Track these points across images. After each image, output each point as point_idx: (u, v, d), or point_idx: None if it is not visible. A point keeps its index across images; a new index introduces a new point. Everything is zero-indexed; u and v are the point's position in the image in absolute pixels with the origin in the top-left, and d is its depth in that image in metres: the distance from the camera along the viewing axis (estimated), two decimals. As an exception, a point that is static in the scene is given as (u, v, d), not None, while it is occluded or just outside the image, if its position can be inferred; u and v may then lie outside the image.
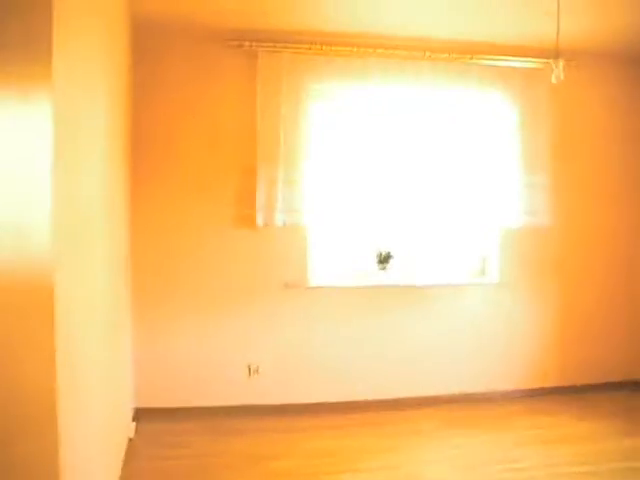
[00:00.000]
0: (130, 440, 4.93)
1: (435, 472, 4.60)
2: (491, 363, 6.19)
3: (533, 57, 5.81)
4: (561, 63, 4.27)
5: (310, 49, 5.53)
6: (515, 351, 6.24)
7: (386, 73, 5.68)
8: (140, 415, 5.38)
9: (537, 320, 6.29)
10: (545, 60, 5.58)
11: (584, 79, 6.24)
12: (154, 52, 5.43)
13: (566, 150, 6.23)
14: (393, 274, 5.96)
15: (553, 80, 4.29)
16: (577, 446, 5.02)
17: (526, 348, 6.27)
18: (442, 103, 5.86)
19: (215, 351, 5.65)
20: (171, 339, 5.56)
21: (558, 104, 6.11)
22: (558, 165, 6.15)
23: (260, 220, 5.50)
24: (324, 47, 5.54)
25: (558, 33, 4.30)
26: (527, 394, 6.23)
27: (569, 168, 6.26)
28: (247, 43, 5.44)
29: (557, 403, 6.04)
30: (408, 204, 5.84)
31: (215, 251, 5.59)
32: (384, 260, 5.91)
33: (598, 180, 6.40)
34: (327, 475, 4.50)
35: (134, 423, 5.17)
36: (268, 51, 5.49)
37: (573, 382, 6.36)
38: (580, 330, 6.40)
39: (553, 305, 6.33)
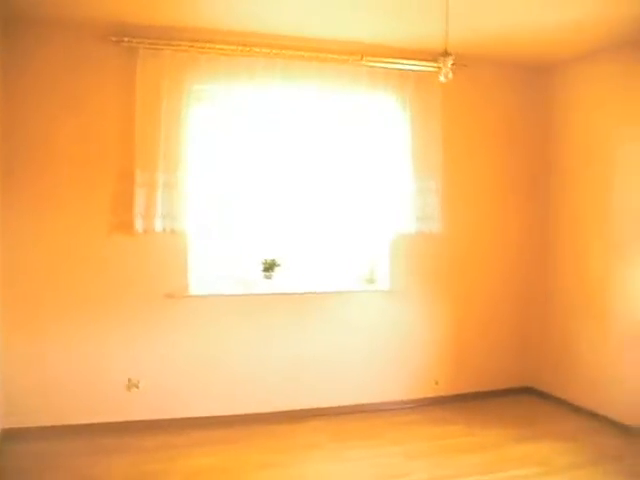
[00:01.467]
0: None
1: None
2: (382, 372, 6.14)
3: (425, 60, 5.78)
4: (450, 61, 4.23)
5: (193, 47, 5.35)
6: (406, 360, 6.22)
7: (272, 74, 5.55)
8: (8, 436, 5.09)
9: (429, 328, 6.28)
10: (436, 64, 5.54)
11: (475, 84, 6.30)
12: (27, 47, 5.14)
13: (457, 155, 6.25)
14: (279, 282, 5.85)
15: (441, 79, 4.26)
16: (469, 455, 5.04)
17: (418, 356, 6.25)
18: (332, 106, 5.78)
19: (92, 365, 5.40)
20: (43, 353, 5.28)
21: (449, 109, 6.13)
22: (449, 170, 6.15)
23: (139, 226, 5.29)
24: (208, 45, 5.38)
25: (447, 33, 4.28)
26: (420, 403, 6.23)
27: (460, 174, 6.29)
28: (127, 39, 5.23)
29: (450, 412, 6.06)
30: (296, 210, 5.75)
31: (91, 258, 5.34)
32: (269, 268, 5.79)
33: (489, 185, 6.45)
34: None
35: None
36: (149, 48, 5.28)
37: (466, 390, 6.40)
38: (473, 337, 6.44)
39: (445, 312, 6.33)
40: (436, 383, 6.30)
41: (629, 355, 5.56)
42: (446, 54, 4.13)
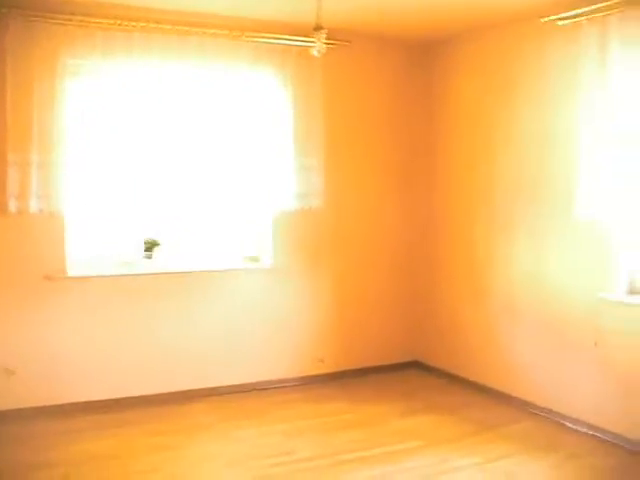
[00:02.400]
0: None
1: (202, 469, 4.51)
2: (267, 351, 6.20)
3: (305, 36, 5.80)
4: (322, 36, 4.29)
5: (70, 20, 5.19)
6: (291, 338, 6.29)
7: (151, 49, 5.46)
8: None
9: (313, 305, 6.37)
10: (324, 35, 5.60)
11: (357, 61, 6.41)
12: None
13: (340, 133, 6.34)
14: (162, 262, 5.80)
15: (314, 53, 4.35)
16: (351, 432, 5.14)
17: (302, 334, 6.34)
18: (213, 83, 5.73)
19: (-35, 352, 5.24)
20: None
21: (332, 86, 6.19)
22: (331, 147, 6.22)
23: (13, 206, 5.14)
24: (84, 19, 5.23)
25: (320, 7, 4.32)
26: (305, 382, 6.31)
27: (342, 151, 6.38)
28: (-5, 8, 5.02)
29: (335, 389, 6.17)
30: (178, 188, 5.69)
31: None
32: (150, 247, 5.73)
33: (372, 162, 6.57)
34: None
35: None
36: (20, 19, 5.08)
37: (352, 367, 6.52)
38: (358, 314, 6.56)
39: (330, 289, 6.43)
40: (321, 361, 6.39)
41: (507, 328, 5.80)
42: (319, 28, 4.19)
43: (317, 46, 4.21)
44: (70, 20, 5.20)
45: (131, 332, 5.68)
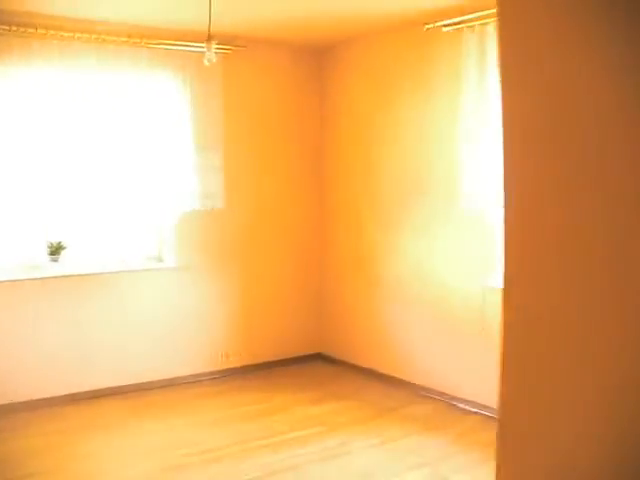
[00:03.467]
0: None
1: (105, 465, 4.67)
2: (173, 348, 6.38)
3: (203, 42, 6.01)
4: (213, 46, 4.53)
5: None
6: (197, 335, 6.50)
7: (50, 55, 5.57)
8: None
9: (217, 302, 6.60)
10: (215, 45, 5.82)
11: (254, 65, 6.66)
12: None
13: (239, 134, 6.59)
14: (67, 264, 5.92)
15: (205, 62, 4.57)
16: (255, 422, 5.42)
17: (208, 331, 6.56)
18: (113, 87, 5.87)
19: None
20: None
21: (231, 89, 6.43)
22: (232, 149, 6.47)
23: None
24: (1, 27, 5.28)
25: (210, 19, 4.53)
26: (211, 376, 6.54)
27: (242, 152, 6.63)
28: None
29: (240, 382, 6.42)
30: (81, 192, 5.81)
31: None
32: (55, 251, 5.85)
33: (269, 162, 6.85)
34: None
35: None
36: None
37: (257, 361, 6.77)
38: (261, 309, 6.83)
39: (233, 287, 6.67)
40: (227, 356, 6.63)
41: (400, 317, 6.18)
42: (209, 39, 4.41)
43: (207, 55, 4.44)
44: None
45: (38, 335, 5.75)
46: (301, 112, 7.01)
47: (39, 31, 5.45)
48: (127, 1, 5.23)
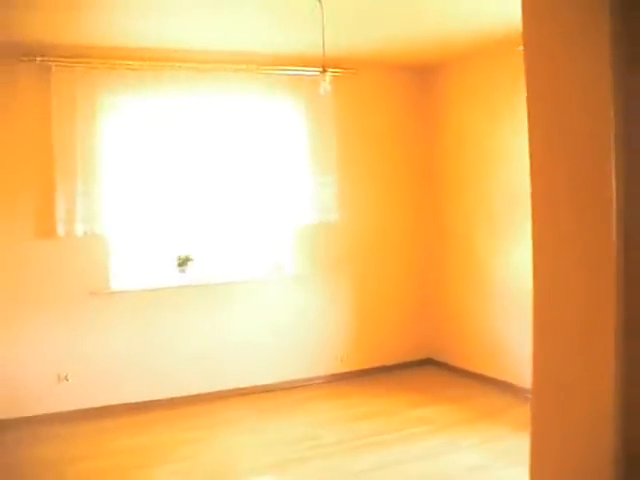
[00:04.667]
0: None
1: (237, 456, 5.23)
2: (292, 353, 6.91)
3: (316, 66, 6.52)
4: (327, 77, 4.96)
5: (104, 63, 5.98)
6: (313, 340, 7.00)
7: (178, 85, 6.23)
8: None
9: (333, 309, 7.08)
10: (328, 69, 6.31)
11: (364, 86, 7.12)
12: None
13: (352, 152, 7.07)
14: (194, 275, 6.54)
15: (321, 92, 4.98)
16: (369, 421, 5.84)
17: (324, 336, 7.04)
18: (234, 110, 6.49)
19: (24, 361, 5.96)
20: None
21: (343, 109, 6.91)
22: (345, 166, 6.96)
23: (61, 230, 5.90)
24: (117, 62, 6.01)
25: (324, 49, 4.96)
26: (327, 380, 7.02)
27: (355, 168, 7.10)
28: (40, 58, 5.79)
29: (354, 385, 6.86)
30: (207, 208, 6.43)
31: (18, 262, 5.90)
32: (184, 262, 6.46)
33: (382, 176, 7.29)
34: (136, 469, 4.99)
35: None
36: (61, 65, 5.87)
37: (369, 365, 7.20)
38: (374, 316, 7.26)
39: (348, 294, 7.14)
40: (341, 360, 7.10)
41: (512, 321, 6.42)
42: (324, 71, 4.83)
43: (323, 86, 4.87)
44: (104, 63, 5.99)
45: (167, 339, 6.41)
46: (411, 130, 7.42)
47: (168, 63, 6.14)
48: (246, 34, 5.78)
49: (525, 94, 2.15)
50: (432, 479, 4.72)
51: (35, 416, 5.94)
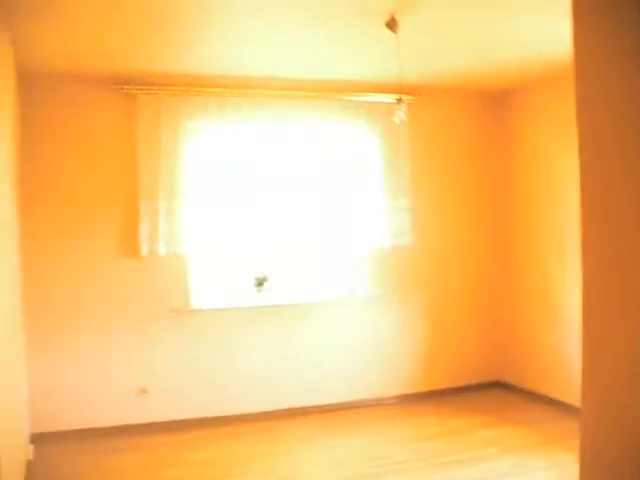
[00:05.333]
0: (29, 462, 5.54)
1: (309, 470, 5.41)
2: (364, 372, 7.09)
3: (391, 93, 6.73)
4: (403, 107, 5.13)
5: (186, 91, 6.30)
6: (386, 360, 7.16)
7: (257, 111, 6.52)
8: (37, 439, 5.93)
9: (405, 331, 7.24)
10: (401, 95, 6.54)
11: (438, 111, 7.31)
12: (40, 99, 6.05)
13: (426, 176, 7.25)
14: (270, 295, 6.78)
15: (396, 121, 5.15)
16: (438, 441, 5.95)
17: (396, 357, 7.20)
18: (313, 137, 6.76)
19: (107, 374, 6.29)
20: (64, 366, 6.16)
21: (417, 135, 7.10)
22: (419, 190, 7.14)
23: (145, 250, 6.21)
24: (199, 89, 6.33)
25: (400, 84, 5.17)
26: (398, 400, 7.16)
27: (429, 192, 7.27)
28: (127, 86, 6.16)
29: (424, 406, 6.98)
30: (285, 230, 6.71)
31: (104, 280, 6.24)
32: (261, 283, 6.71)
33: (455, 201, 7.44)
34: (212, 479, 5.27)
35: (32, 446, 5.76)
36: (147, 93, 6.21)
37: (439, 386, 7.33)
38: (445, 338, 7.39)
39: (419, 317, 7.29)
40: (412, 381, 7.23)
41: (577, 346, 6.48)
42: (399, 101, 5.02)
43: (398, 114, 5.05)
44: (187, 91, 6.31)
45: (242, 357, 6.67)
46: (484, 154, 7.57)
47: (249, 91, 6.45)
48: (323, 61, 6.03)
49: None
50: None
51: (116, 427, 6.27)
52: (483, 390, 7.46)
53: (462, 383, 7.45)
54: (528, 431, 6.15)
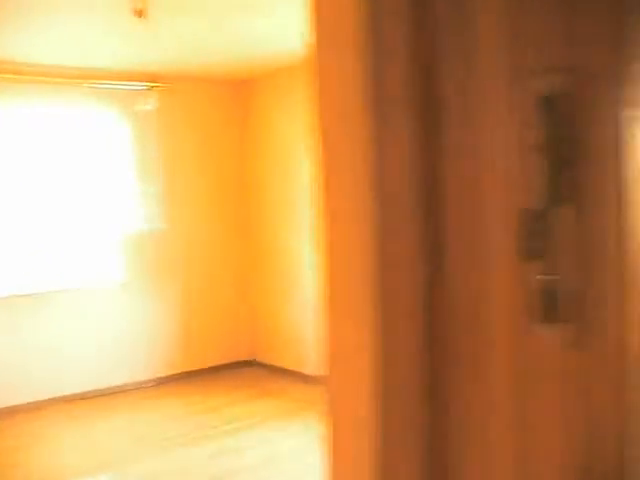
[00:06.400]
0: None
1: (73, 457, 5.52)
2: (121, 358, 7.16)
3: (141, 81, 6.90)
4: (152, 94, 5.33)
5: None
6: (145, 344, 7.30)
7: (10, 98, 6.42)
8: None
9: (162, 314, 7.42)
10: (150, 84, 6.76)
11: (185, 101, 7.52)
12: None
13: (175, 163, 7.45)
14: (18, 283, 6.60)
15: (144, 107, 5.30)
16: (205, 415, 6.31)
17: (154, 340, 7.36)
18: (64, 123, 6.73)
19: None
20: None
21: (166, 123, 7.29)
22: (170, 176, 7.35)
23: None
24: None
25: (147, 67, 5.32)
26: (159, 382, 7.34)
27: (178, 179, 7.48)
28: None
29: (187, 385, 7.27)
30: (28, 217, 6.61)
31: None
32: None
33: (203, 188, 7.71)
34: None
35: None
36: None
37: (198, 366, 7.61)
38: (200, 320, 7.68)
39: (174, 301, 7.50)
40: (171, 363, 7.47)
41: (311, 320, 6.91)
42: (149, 89, 5.19)
43: (146, 101, 5.22)
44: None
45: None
46: (229, 141, 7.89)
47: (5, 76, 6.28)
48: (73, 48, 6.05)
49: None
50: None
51: None
52: (240, 368, 7.82)
53: (220, 362, 7.76)
54: (276, 402, 6.66)
